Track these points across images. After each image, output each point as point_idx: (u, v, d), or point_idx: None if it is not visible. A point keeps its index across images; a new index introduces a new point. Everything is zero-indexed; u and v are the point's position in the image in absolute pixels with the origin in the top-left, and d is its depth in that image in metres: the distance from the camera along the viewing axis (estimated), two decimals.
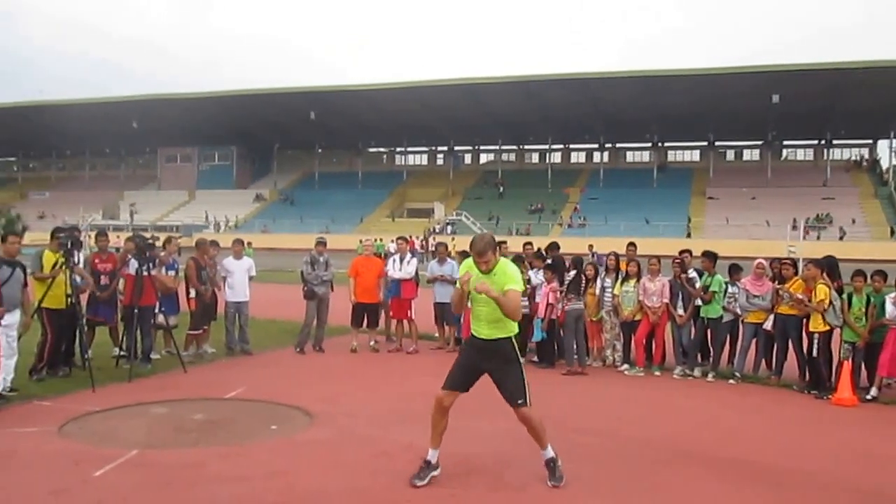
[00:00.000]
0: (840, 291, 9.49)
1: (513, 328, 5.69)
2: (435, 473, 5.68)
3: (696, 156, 74.02)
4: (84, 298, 9.80)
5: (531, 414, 5.60)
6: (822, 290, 9.11)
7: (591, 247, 31.77)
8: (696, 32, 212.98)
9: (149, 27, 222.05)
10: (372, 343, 12.06)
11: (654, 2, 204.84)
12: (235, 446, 6.63)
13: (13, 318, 8.18)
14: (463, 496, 5.40)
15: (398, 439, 6.82)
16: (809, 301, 9.19)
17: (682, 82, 54.35)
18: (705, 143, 70.20)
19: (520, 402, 5.57)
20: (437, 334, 12.60)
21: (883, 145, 69.70)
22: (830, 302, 9.06)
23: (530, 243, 12.96)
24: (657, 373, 10.39)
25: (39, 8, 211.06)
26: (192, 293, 10.93)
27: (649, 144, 71.99)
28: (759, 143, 70.32)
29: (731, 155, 74.48)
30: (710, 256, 10.41)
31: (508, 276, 5.60)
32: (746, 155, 74.24)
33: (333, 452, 6.46)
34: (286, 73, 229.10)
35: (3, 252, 8.46)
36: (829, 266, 9.65)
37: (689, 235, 52.79)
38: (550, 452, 5.67)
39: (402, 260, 12.18)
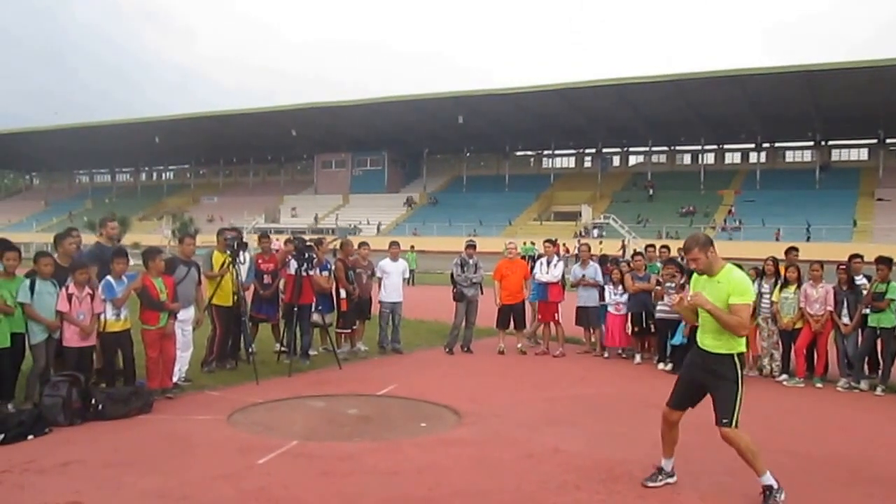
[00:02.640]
0: None
1: (737, 345, 5.37)
2: (670, 481, 5.66)
3: (863, 154, 68.73)
4: (248, 296, 10.45)
5: (734, 436, 5.29)
6: None
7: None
8: (835, 17, 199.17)
9: (308, 45, 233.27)
10: (519, 345, 12.11)
11: None
12: (387, 441, 6.87)
13: (188, 313, 8.87)
14: (610, 502, 5.34)
15: (545, 442, 6.82)
16: None
17: (848, 76, 50.52)
18: (874, 141, 65.02)
19: (724, 420, 5.29)
20: (582, 338, 12.49)
21: None
22: None
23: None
24: (819, 385, 9.79)
25: (211, 30, 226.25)
26: (343, 293, 11.38)
27: (811, 143, 67.72)
28: None
29: None
30: (886, 262, 9.67)
31: (734, 286, 5.33)
32: None
33: (481, 452, 6.54)
34: (434, 81, 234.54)
35: (179, 252, 9.21)
36: None
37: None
38: (767, 480, 5.30)
39: (548, 263, 12.16)
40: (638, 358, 11.42)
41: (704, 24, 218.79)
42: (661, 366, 10.79)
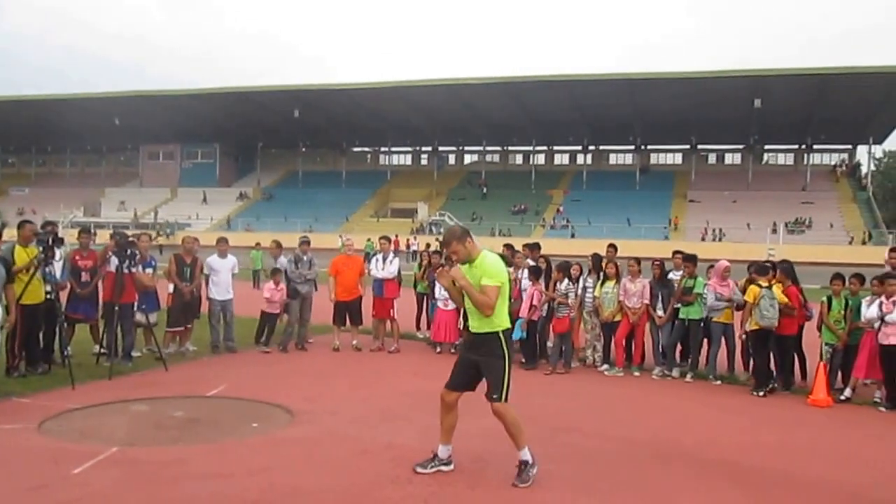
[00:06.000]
0: (801, 294, 9.88)
1: (500, 323, 5.72)
2: (444, 468, 5.83)
3: (678, 158, 74.30)
4: (64, 295, 9.77)
5: (503, 410, 5.66)
6: (752, 291, 9.56)
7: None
8: (697, 36, 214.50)
9: (135, 23, 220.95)
10: (354, 342, 12.07)
11: (652, 5, 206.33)
12: (216, 444, 6.64)
13: None
14: (442, 494, 5.43)
15: (379, 438, 6.85)
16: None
17: (665, 85, 54.65)
18: (688, 147, 70.62)
19: (494, 396, 5.66)
20: (418, 334, 12.63)
21: (862, 151, 70.49)
22: (756, 302, 9.41)
23: (510, 245, 12.93)
24: (636, 373, 10.47)
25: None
26: (171, 288, 10.91)
27: (632, 147, 72.15)
28: (741, 146, 70.84)
29: (712, 158, 74.78)
30: (691, 259, 10.53)
31: (485, 269, 5.69)
32: (728, 158, 74.66)
33: (314, 451, 6.48)
34: (273, 70, 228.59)
35: None
36: (782, 270, 10.04)
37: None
38: (525, 455, 5.71)
39: (384, 259, 12.20)
40: None
41: (565, 35, 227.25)
42: None
